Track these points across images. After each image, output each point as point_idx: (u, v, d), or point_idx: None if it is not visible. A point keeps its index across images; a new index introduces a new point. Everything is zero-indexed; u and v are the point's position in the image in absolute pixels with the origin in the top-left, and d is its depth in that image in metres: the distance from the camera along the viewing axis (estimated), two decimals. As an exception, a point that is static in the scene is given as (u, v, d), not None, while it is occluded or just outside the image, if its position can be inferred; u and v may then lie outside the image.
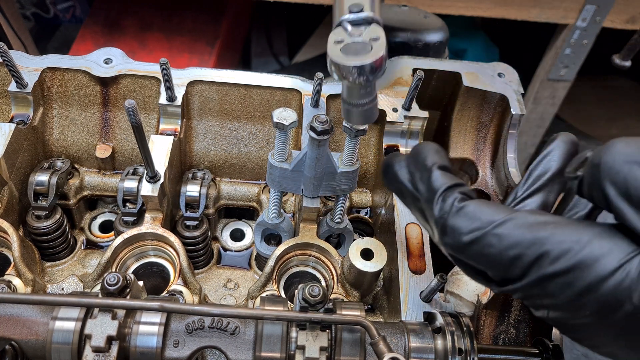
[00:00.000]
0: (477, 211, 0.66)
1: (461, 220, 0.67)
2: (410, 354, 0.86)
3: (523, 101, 1.28)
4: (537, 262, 0.61)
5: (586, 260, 0.58)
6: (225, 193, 1.34)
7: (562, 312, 0.63)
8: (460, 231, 0.67)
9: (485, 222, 0.65)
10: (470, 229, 0.66)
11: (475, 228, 0.65)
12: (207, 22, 2.85)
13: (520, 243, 0.62)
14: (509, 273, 0.64)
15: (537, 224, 0.63)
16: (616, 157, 0.60)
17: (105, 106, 1.29)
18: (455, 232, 0.67)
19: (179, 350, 0.84)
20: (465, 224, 0.66)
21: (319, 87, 1.18)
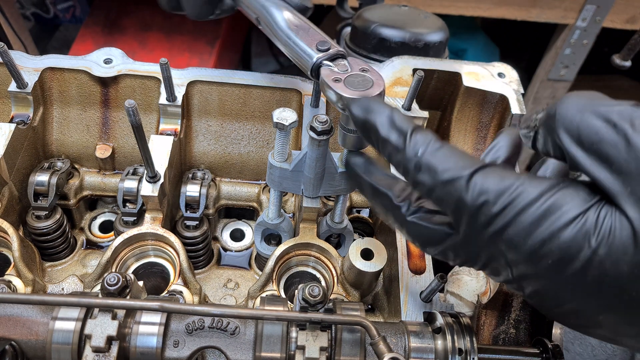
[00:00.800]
0: (454, 155, 0.70)
1: (438, 160, 0.70)
2: (410, 354, 0.86)
3: (523, 101, 1.28)
4: (504, 210, 0.64)
5: (550, 210, 0.61)
6: (225, 193, 1.34)
7: (525, 266, 0.65)
8: (437, 170, 0.69)
9: (461, 166, 0.68)
10: (446, 170, 0.69)
11: (451, 169, 0.68)
12: (207, 22, 2.85)
13: (491, 191, 0.65)
14: (476, 219, 0.66)
15: (508, 176, 0.65)
16: (569, 107, 0.63)
17: (105, 106, 1.29)
18: (431, 171, 0.70)
19: (179, 351, 0.84)
20: (442, 164, 0.69)
21: (319, 87, 1.17)
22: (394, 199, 0.79)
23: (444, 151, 0.70)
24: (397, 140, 0.74)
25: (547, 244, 0.61)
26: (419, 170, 0.71)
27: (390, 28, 1.58)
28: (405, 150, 0.73)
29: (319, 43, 0.94)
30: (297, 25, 1.02)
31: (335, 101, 0.88)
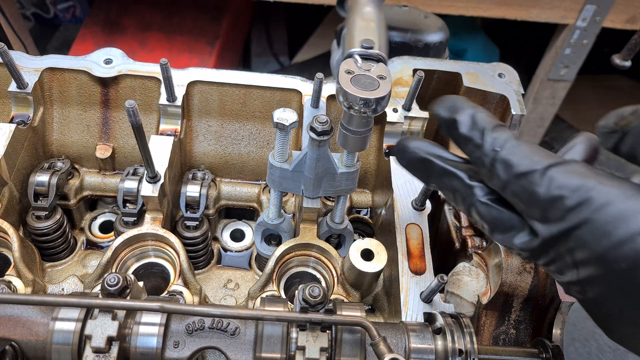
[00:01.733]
0: (531, 150, 0.70)
1: (515, 156, 0.70)
2: (411, 354, 0.86)
3: (523, 101, 1.28)
4: (579, 207, 0.63)
5: (628, 212, 0.60)
6: (226, 193, 1.34)
7: (594, 268, 0.63)
8: (512, 164, 0.70)
9: (538, 161, 0.68)
10: (521, 163, 0.69)
11: (526, 163, 0.69)
12: (207, 22, 2.85)
13: (567, 186, 0.64)
14: (548, 213, 0.66)
15: (586, 172, 0.65)
16: None
17: (105, 106, 1.29)
18: (507, 165, 0.70)
19: (179, 351, 0.84)
20: (519, 160, 0.70)
21: (319, 87, 1.18)
22: (465, 179, 0.78)
23: (522, 147, 0.71)
24: (478, 137, 0.75)
25: (623, 247, 0.59)
26: (495, 164, 0.72)
27: (390, 28, 1.58)
28: (484, 147, 0.74)
29: (365, 41, 0.95)
30: (369, 18, 1.04)
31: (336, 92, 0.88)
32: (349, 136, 0.93)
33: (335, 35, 2.04)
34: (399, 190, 1.13)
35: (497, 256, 1.09)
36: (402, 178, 1.15)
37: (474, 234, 1.20)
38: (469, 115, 0.77)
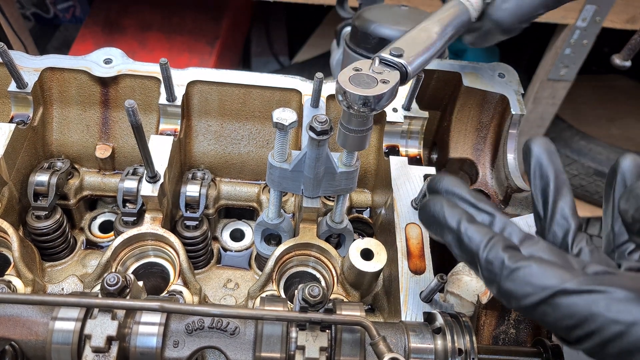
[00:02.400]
0: (529, 276, 0.65)
1: (515, 286, 0.66)
2: (410, 354, 0.86)
3: (523, 101, 1.28)
4: (592, 335, 0.61)
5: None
6: (225, 193, 1.34)
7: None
8: (516, 296, 0.66)
9: (539, 288, 0.64)
10: (525, 295, 0.65)
11: (529, 295, 0.64)
12: (207, 22, 2.85)
13: (574, 315, 0.62)
14: (568, 337, 0.65)
15: (590, 293, 0.61)
16: None
17: (105, 106, 1.29)
18: (511, 297, 0.66)
19: (178, 351, 0.84)
20: (519, 290, 0.65)
21: (319, 87, 1.18)
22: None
23: (523, 272, 0.65)
24: (471, 261, 0.72)
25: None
26: (501, 294, 0.68)
27: (390, 28, 1.58)
28: (481, 274, 0.70)
29: (394, 49, 0.95)
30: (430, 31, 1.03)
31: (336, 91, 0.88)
32: (348, 135, 0.93)
33: (335, 35, 2.04)
34: (399, 190, 1.13)
35: (497, 256, 1.08)
36: (402, 178, 1.15)
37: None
38: (453, 237, 0.74)
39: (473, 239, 0.72)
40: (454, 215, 0.75)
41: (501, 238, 0.71)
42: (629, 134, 3.44)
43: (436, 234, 0.80)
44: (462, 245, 0.73)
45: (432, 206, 0.79)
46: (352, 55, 1.69)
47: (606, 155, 3.15)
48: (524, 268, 0.65)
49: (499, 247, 0.69)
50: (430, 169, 1.17)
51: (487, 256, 0.69)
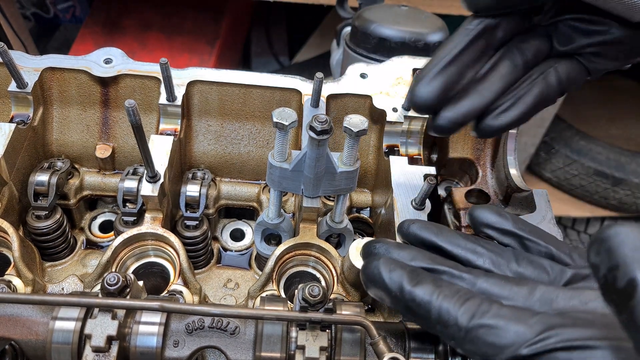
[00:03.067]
0: (486, 336, 0.62)
1: (475, 348, 0.63)
2: (410, 354, 0.86)
3: (523, 101, 1.28)
4: None
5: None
6: (225, 193, 1.34)
7: None
8: (481, 357, 0.64)
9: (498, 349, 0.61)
10: (488, 357, 0.63)
11: (492, 356, 0.62)
12: (207, 22, 2.85)
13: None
14: None
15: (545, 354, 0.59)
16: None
17: (105, 106, 1.29)
18: (477, 357, 0.64)
19: (178, 350, 0.84)
20: (480, 351, 0.63)
21: (319, 87, 1.18)
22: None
23: (480, 332, 0.62)
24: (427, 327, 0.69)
25: None
26: (466, 355, 0.65)
27: (390, 28, 1.58)
28: (442, 337, 0.67)
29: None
30: None
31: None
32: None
33: (335, 35, 2.04)
34: (399, 190, 1.13)
35: (497, 256, 1.09)
36: (402, 177, 1.15)
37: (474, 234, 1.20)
38: (400, 305, 0.70)
39: (420, 302, 0.67)
40: (394, 281, 0.70)
41: (452, 288, 0.67)
42: (629, 134, 3.44)
43: (387, 304, 0.75)
44: (413, 312, 0.69)
45: (368, 271, 0.75)
46: (352, 55, 1.69)
47: (606, 155, 3.15)
48: (479, 328, 0.62)
49: (450, 303, 0.65)
50: (430, 169, 1.17)
51: (439, 318, 0.65)
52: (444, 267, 0.72)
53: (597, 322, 0.61)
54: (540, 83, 0.82)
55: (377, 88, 1.28)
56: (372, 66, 1.32)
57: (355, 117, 0.96)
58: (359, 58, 1.65)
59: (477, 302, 0.64)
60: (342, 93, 1.27)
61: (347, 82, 1.29)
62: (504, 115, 0.81)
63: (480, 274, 0.71)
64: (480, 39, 0.79)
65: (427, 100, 0.79)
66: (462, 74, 0.79)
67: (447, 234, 0.79)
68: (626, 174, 3.10)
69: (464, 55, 0.79)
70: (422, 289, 0.67)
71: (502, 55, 0.81)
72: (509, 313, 0.63)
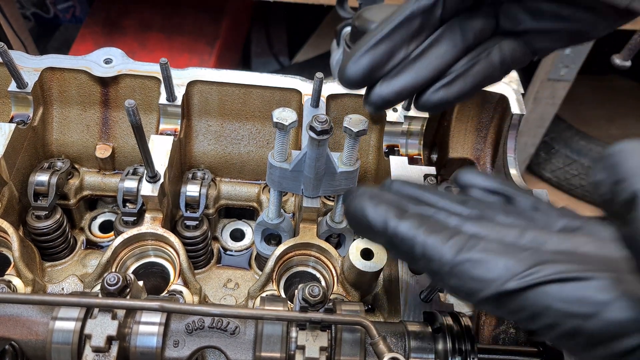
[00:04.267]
0: (472, 269, 0.60)
1: (460, 283, 0.61)
2: (410, 354, 0.86)
3: (523, 101, 1.28)
4: (553, 328, 0.57)
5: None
6: (225, 193, 1.34)
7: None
8: (465, 293, 0.61)
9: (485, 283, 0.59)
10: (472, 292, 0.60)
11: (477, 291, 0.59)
12: (207, 22, 2.85)
13: (525, 310, 0.57)
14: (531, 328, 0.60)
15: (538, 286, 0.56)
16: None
17: (105, 106, 1.29)
18: (460, 294, 0.62)
19: (178, 350, 0.84)
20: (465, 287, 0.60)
21: (319, 87, 1.18)
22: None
23: (465, 266, 0.59)
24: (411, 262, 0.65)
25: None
26: (450, 292, 0.63)
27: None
28: (426, 274, 0.65)
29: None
30: None
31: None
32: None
33: (335, 35, 2.04)
34: (399, 190, 1.12)
35: (497, 256, 1.08)
36: (402, 178, 1.15)
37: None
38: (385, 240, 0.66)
39: (404, 237, 0.64)
40: (378, 214, 0.67)
41: (437, 226, 0.64)
42: (628, 134, 3.43)
43: (369, 238, 0.72)
44: (395, 247, 0.66)
45: (352, 208, 0.71)
46: (352, 55, 1.69)
47: (606, 155, 3.14)
48: (465, 262, 0.59)
49: (436, 238, 0.62)
50: (430, 169, 1.17)
51: (424, 253, 0.62)
52: (429, 210, 0.69)
53: (592, 258, 0.59)
54: (483, 61, 0.81)
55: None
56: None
57: (355, 117, 0.96)
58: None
59: (464, 238, 0.61)
60: (342, 93, 1.27)
61: (347, 82, 1.29)
62: (444, 90, 0.80)
63: (468, 218, 0.67)
64: (416, 17, 0.78)
65: (354, 77, 0.78)
66: (393, 52, 0.78)
67: (432, 189, 0.76)
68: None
69: (397, 33, 0.77)
70: (406, 223, 0.64)
71: (442, 33, 0.80)
72: (497, 247, 0.60)
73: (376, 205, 0.68)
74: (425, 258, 0.62)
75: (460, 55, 0.81)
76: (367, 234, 0.71)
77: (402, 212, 0.66)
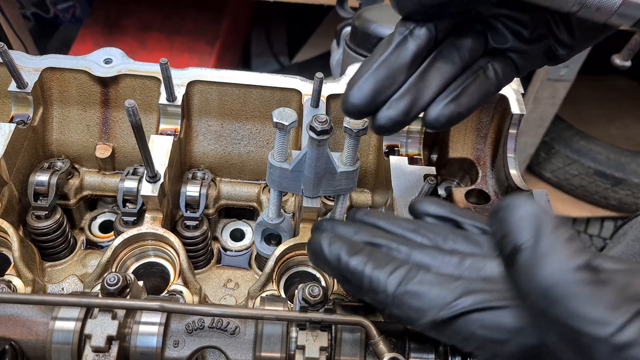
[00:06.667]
0: (411, 300, 0.68)
1: (401, 312, 0.70)
2: (410, 354, 0.86)
3: (523, 101, 1.28)
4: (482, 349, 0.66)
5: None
6: (225, 193, 1.34)
7: None
8: (406, 321, 0.71)
9: (421, 313, 0.67)
10: (412, 321, 0.69)
11: (416, 320, 0.69)
12: (207, 22, 2.85)
13: (457, 336, 0.66)
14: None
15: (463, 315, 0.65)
16: None
17: (105, 106, 1.29)
18: (402, 322, 0.73)
19: (179, 350, 0.84)
20: (405, 316, 0.70)
21: (319, 87, 1.18)
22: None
23: (405, 298, 0.68)
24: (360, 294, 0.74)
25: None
26: (392, 319, 0.74)
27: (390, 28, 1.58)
28: (373, 304, 0.73)
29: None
30: None
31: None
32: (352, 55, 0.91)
33: (335, 35, 2.04)
34: (399, 190, 1.13)
35: (497, 256, 1.09)
36: (402, 178, 1.15)
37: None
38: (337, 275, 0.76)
39: (354, 271, 0.72)
40: (333, 250, 0.75)
41: (385, 260, 0.71)
42: (628, 134, 3.44)
43: (324, 271, 0.81)
44: (347, 281, 0.74)
45: (310, 244, 0.80)
46: (352, 55, 1.69)
47: (606, 155, 3.15)
48: (404, 294, 0.67)
49: (380, 272, 0.70)
50: (430, 169, 1.17)
51: (370, 285, 0.70)
52: (382, 241, 0.77)
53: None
54: (481, 77, 0.83)
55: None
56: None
57: (355, 117, 0.96)
58: (359, 58, 1.65)
59: (405, 270, 0.69)
60: (342, 93, 1.27)
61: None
62: (454, 105, 0.82)
63: (416, 246, 0.75)
64: (411, 41, 0.80)
65: (359, 103, 0.81)
66: (394, 76, 0.80)
67: (390, 217, 0.84)
68: (626, 174, 3.10)
69: (394, 57, 0.80)
70: (356, 259, 0.72)
71: (439, 53, 0.82)
72: (433, 279, 0.67)
73: (331, 242, 0.76)
74: (372, 290, 0.70)
75: (459, 72, 0.83)
76: (323, 267, 0.80)
77: (354, 249, 0.74)
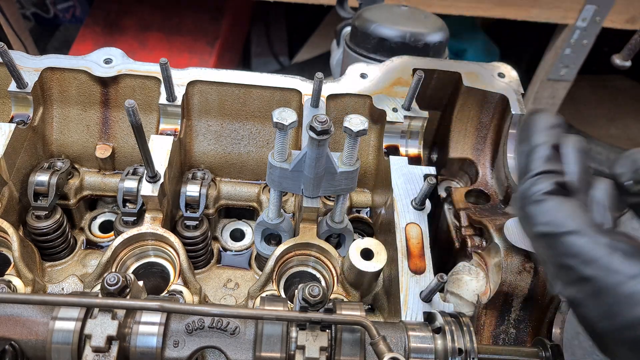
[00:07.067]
0: (552, 210, 0.69)
1: (536, 213, 0.71)
2: (410, 354, 0.86)
3: (523, 101, 1.28)
4: (587, 281, 0.64)
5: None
6: (225, 193, 1.34)
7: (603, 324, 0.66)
8: (533, 222, 0.71)
9: (555, 224, 0.69)
10: (541, 224, 0.70)
11: (546, 224, 0.69)
12: (207, 22, 2.86)
13: (578, 256, 0.66)
14: (558, 276, 0.69)
15: (602, 244, 0.65)
16: None
17: (105, 106, 1.29)
18: (528, 221, 0.72)
19: (178, 350, 0.84)
20: (538, 218, 0.70)
21: (319, 87, 1.18)
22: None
23: (549, 204, 0.70)
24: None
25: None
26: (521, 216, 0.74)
27: (390, 28, 1.58)
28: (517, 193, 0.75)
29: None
30: None
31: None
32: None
33: (335, 35, 2.04)
34: (399, 190, 1.13)
35: (497, 256, 1.09)
36: (401, 178, 1.15)
37: (474, 234, 1.20)
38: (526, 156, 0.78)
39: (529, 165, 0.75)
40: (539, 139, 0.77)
41: (551, 176, 0.73)
42: (628, 134, 3.44)
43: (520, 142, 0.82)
44: (521, 168, 0.77)
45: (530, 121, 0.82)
46: (352, 55, 1.69)
47: (606, 155, 3.15)
48: (551, 200, 0.70)
49: (543, 181, 0.72)
50: (430, 169, 1.17)
51: (530, 184, 0.73)
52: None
53: None
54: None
55: (377, 88, 1.28)
56: (372, 66, 1.33)
57: (355, 117, 0.96)
58: (359, 58, 1.65)
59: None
60: (342, 93, 1.27)
61: (347, 82, 1.29)
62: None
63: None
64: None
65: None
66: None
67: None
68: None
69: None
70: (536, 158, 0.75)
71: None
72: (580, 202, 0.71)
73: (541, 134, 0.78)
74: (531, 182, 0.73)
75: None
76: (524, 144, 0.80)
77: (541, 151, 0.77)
